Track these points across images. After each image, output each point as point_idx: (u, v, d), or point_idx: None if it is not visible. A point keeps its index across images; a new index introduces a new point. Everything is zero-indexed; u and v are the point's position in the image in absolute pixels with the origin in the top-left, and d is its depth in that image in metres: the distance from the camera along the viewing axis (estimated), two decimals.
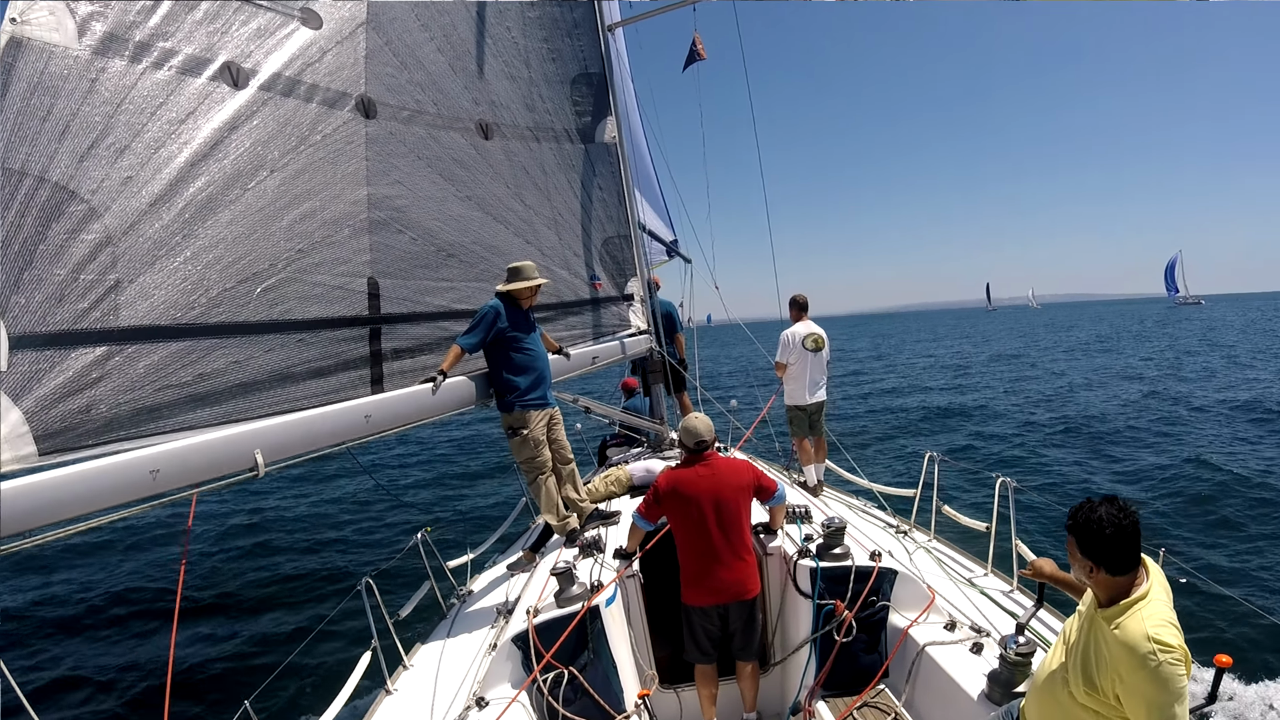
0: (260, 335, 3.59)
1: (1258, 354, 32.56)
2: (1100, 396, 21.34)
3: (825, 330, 6.90)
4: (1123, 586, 2.16)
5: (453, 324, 4.81)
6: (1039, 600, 3.43)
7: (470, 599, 5.14)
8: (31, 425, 2.68)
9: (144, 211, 3.11)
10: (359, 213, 4.21)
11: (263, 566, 10.47)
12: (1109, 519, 2.12)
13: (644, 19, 7.24)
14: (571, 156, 6.21)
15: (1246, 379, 23.35)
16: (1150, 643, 2.01)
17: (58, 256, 2.82)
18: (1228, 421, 16.03)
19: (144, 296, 3.09)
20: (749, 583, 3.88)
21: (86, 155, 2.94)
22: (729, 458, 4.11)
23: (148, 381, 3.08)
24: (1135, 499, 10.35)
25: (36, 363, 2.73)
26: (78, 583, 10.17)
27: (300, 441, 3.55)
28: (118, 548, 12.02)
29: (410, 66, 4.67)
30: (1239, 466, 11.63)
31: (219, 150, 3.44)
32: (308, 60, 3.96)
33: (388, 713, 3.82)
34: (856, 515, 5.68)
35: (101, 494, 2.71)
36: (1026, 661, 3.07)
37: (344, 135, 4.15)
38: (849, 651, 3.84)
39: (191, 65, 3.37)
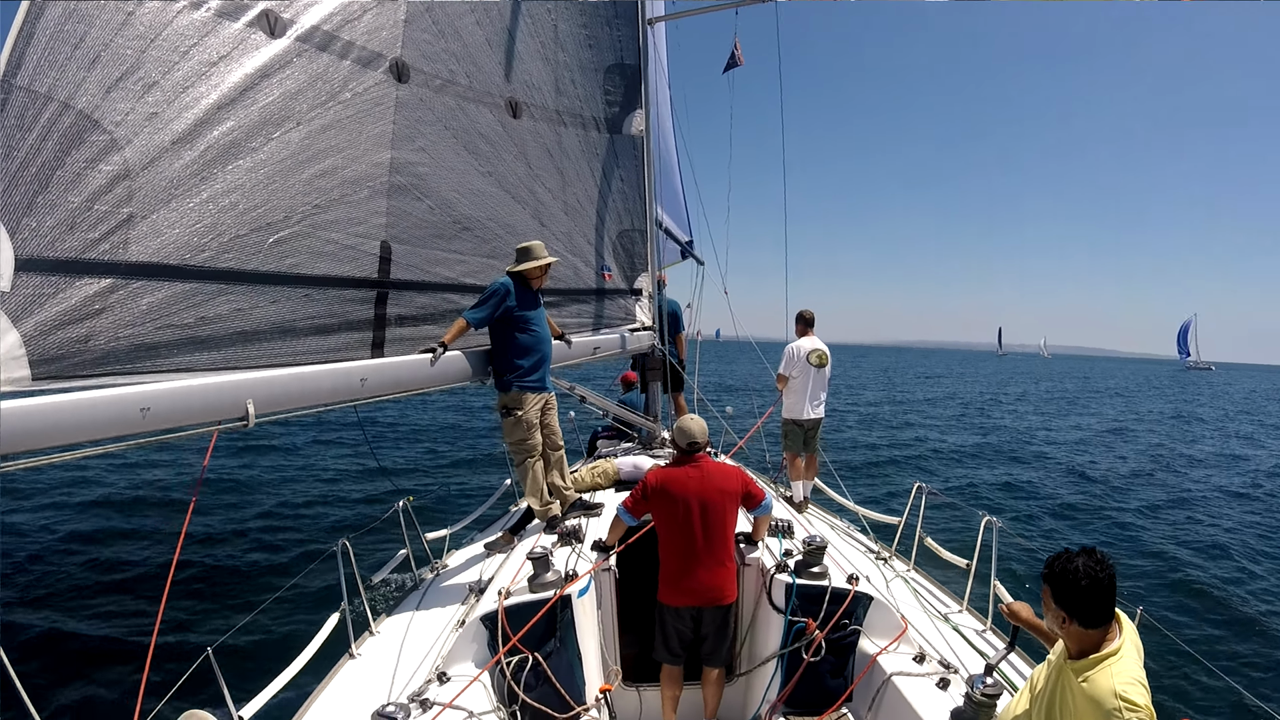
0: (267, 286, 3.57)
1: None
2: (1109, 452, 21.31)
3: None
4: (1094, 640, 2.15)
5: (459, 297, 4.80)
6: (1011, 643, 3.43)
7: (444, 573, 5.14)
8: (28, 349, 2.67)
9: (165, 149, 3.09)
10: (380, 175, 4.19)
11: (240, 520, 10.49)
12: (1085, 571, 2.10)
13: (685, 16, 7.22)
14: (596, 145, 6.20)
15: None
16: (1117, 699, 2.00)
17: (74, 184, 2.80)
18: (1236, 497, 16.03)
19: (155, 234, 3.07)
20: (726, 588, 3.90)
21: (114, 87, 2.92)
22: (720, 462, 4.12)
23: (149, 319, 3.07)
24: (1127, 551, 10.35)
25: (40, 287, 2.71)
26: (63, 530, 10.17)
27: (293, 397, 3.54)
28: (101, 490, 12.06)
29: (448, 36, 4.64)
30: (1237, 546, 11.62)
31: (247, 97, 3.42)
32: (347, 17, 3.94)
33: (349, 676, 3.82)
34: (839, 536, 5.67)
35: (90, 425, 2.70)
36: (992, 703, 3.06)
37: (374, 96, 4.13)
38: (815, 671, 3.82)
39: (230, 9, 3.35)
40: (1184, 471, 17.76)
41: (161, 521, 10.40)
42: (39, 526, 10.09)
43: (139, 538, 9.62)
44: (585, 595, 3.96)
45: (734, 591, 3.97)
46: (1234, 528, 12.09)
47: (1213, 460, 19.63)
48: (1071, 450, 20.83)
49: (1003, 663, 3.38)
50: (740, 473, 4.08)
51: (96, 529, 9.98)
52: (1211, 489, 15.69)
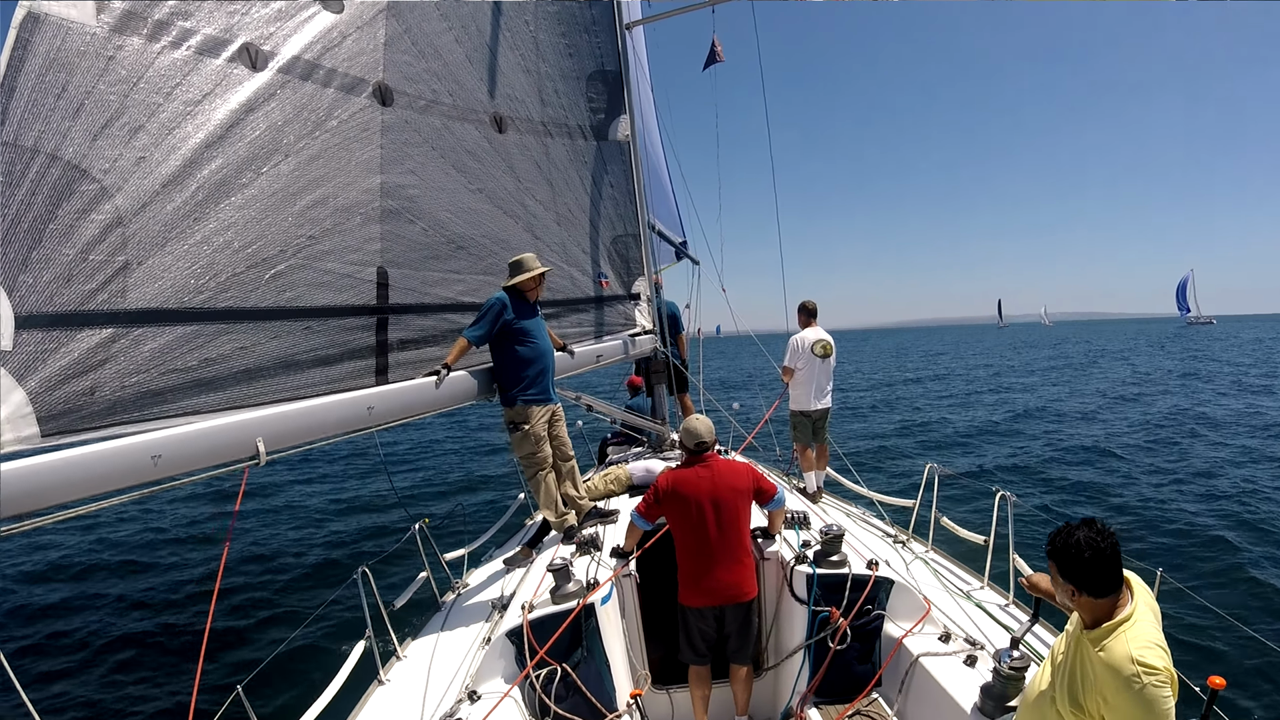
0: (267, 321, 3.56)
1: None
2: (1113, 414, 21.28)
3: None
4: (1106, 608, 2.16)
5: (459, 316, 4.79)
6: (1034, 615, 3.43)
7: (466, 592, 5.13)
8: (35, 406, 2.66)
9: (156, 193, 3.07)
10: (371, 201, 4.18)
11: (259, 552, 10.48)
12: (1087, 543, 2.11)
13: (662, 19, 7.21)
14: (584, 153, 6.19)
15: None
16: (1134, 665, 2.01)
17: (67, 236, 2.78)
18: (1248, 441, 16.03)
19: (152, 279, 3.06)
20: (746, 585, 3.89)
21: (100, 134, 2.91)
22: (729, 460, 4.11)
23: (153, 365, 3.06)
24: (1138, 518, 10.33)
25: (42, 343, 2.70)
26: (76, 569, 10.19)
27: (302, 431, 3.54)
28: (127, 532, 12.07)
29: (428, 56, 4.64)
30: (1251, 491, 11.60)
31: (234, 133, 3.41)
32: (327, 44, 3.93)
33: (379, 703, 3.81)
34: (855, 523, 5.67)
35: (103, 478, 2.69)
36: (1020, 676, 3.06)
37: (360, 122, 4.12)
38: (843, 659, 3.84)
39: (210, 46, 3.34)
40: (1199, 430, 17.70)
41: (179, 561, 10.40)
42: (58, 569, 10.12)
43: (156, 582, 9.61)
44: (608, 602, 3.96)
45: (754, 587, 3.96)
46: (1258, 487, 12.03)
47: (1227, 418, 19.57)
48: (1081, 418, 20.78)
49: (1028, 635, 3.39)
50: (750, 469, 4.08)
51: (114, 574, 9.98)
52: (1227, 448, 15.65)
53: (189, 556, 10.68)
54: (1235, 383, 29.08)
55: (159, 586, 9.40)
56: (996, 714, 3.09)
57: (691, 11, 6.91)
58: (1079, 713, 2.20)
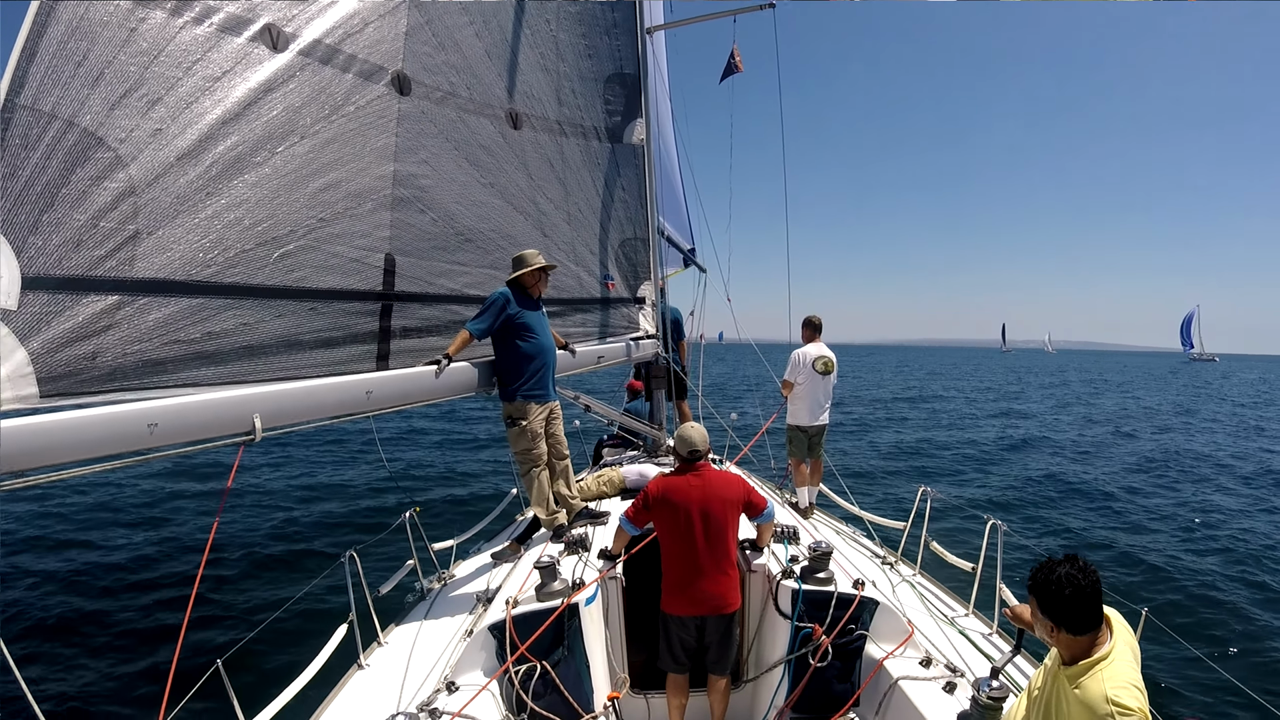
0: (272, 300, 3.59)
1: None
2: (1119, 450, 21.22)
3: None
4: (1084, 646, 2.17)
5: (463, 308, 4.81)
6: (1017, 646, 3.43)
7: (451, 584, 5.14)
8: (36, 367, 2.68)
9: (170, 165, 3.10)
10: (383, 188, 4.21)
11: (248, 530, 10.50)
12: (1068, 579, 2.12)
13: (684, 25, 7.24)
14: (597, 154, 6.22)
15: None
16: (1109, 705, 2.01)
17: (79, 202, 2.81)
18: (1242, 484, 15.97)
19: (161, 250, 3.09)
20: (729, 596, 3.88)
21: (118, 104, 2.94)
22: (722, 470, 4.11)
23: (156, 335, 3.08)
24: (1128, 557, 10.30)
25: (47, 305, 2.72)
26: (64, 538, 10.21)
27: (300, 410, 3.56)
28: (118, 503, 12.09)
29: (448, 48, 4.67)
30: (1246, 532, 11.56)
31: (251, 111, 3.44)
32: (349, 30, 3.96)
33: (358, 687, 3.82)
34: (844, 542, 5.67)
35: (98, 442, 2.72)
36: (998, 706, 3.06)
37: (377, 109, 4.15)
38: (822, 677, 3.83)
39: (232, 24, 3.37)
40: (1199, 469, 17.66)
41: (170, 535, 10.41)
42: (49, 539, 10.13)
43: (148, 553, 9.63)
44: (593, 604, 3.97)
45: (737, 600, 3.95)
46: (1254, 528, 12.00)
47: (1227, 457, 19.51)
48: (1079, 450, 20.72)
49: (1009, 665, 3.39)
50: (741, 481, 4.07)
51: (105, 544, 10.00)
52: (1227, 488, 15.61)
53: (179, 530, 10.70)
54: (1237, 424, 29.01)
55: (145, 559, 9.42)
56: None
57: (713, 19, 6.94)
58: None
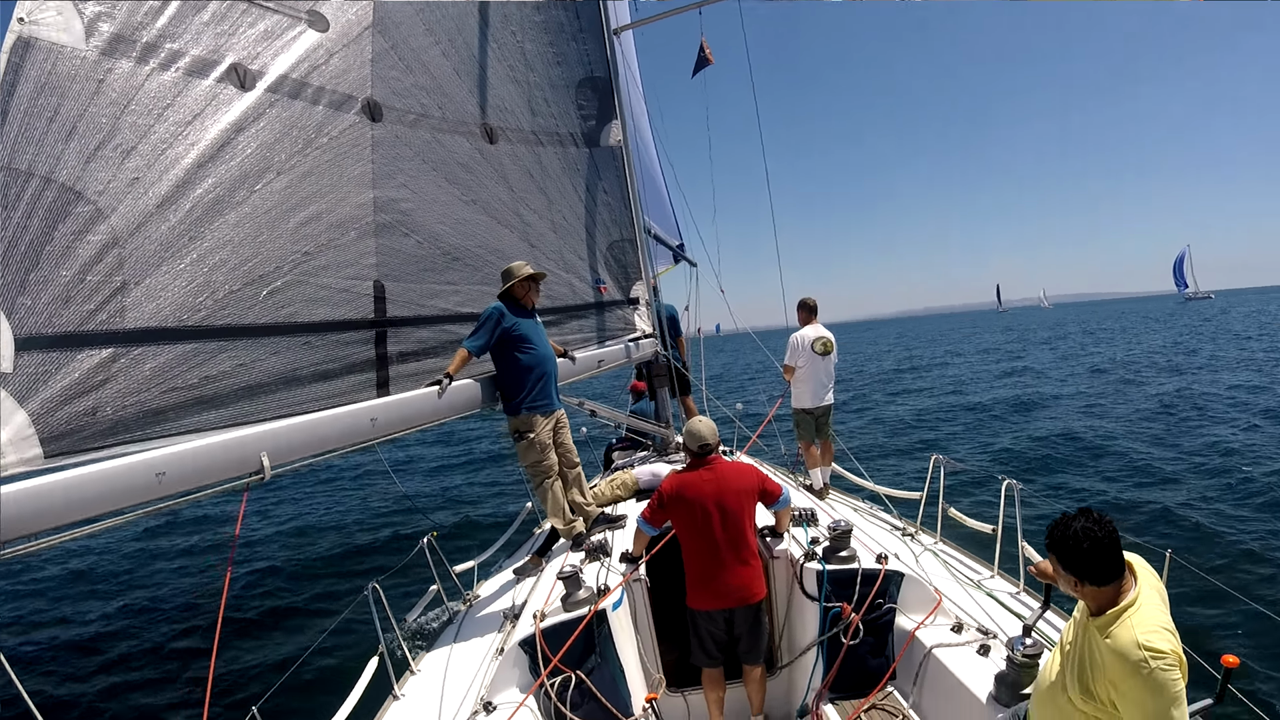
0: (266, 338, 3.58)
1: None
2: (1122, 396, 21.20)
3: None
4: (1110, 595, 2.17)
5: (458, 327, 4.80)
6: (1045, 601, 3.42)
7: (477, 604, 5.12)
8: (37, 427, 2.67)
9: (151, 213, 3.10)
10: (365, 216, 4.20)
11: (268, 569, 10.48)
12: (1084, 533, 2.13)
13: (650, 23, 7.25)
14: (576, 160, 6.22)
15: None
16: (1141, 650, 2.01)
17: (64, 258, 2.81)
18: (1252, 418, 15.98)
19: (150, 298, 3.08)
20: (754, 586, 3.89)
21: (93, 156, 2.94)
22: (734, 461, 4.11)
23: (154, 384, 3.07)
24: (1145, 499, 10.29)
25: (43, 364, 2.71)
26: (83, 589, 10.20)
27: (306, 444, 3.54)
28: (132, 548, 12.08)
29: (416, 70, 4.67)
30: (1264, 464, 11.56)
31: (226, 152, 3.44)
32: (314, 63, 3.96)
33: (395, 718, 3.80)
34: (863, 518, 5.66)
35: (107, 496, 2.70)
36: (1034, 663, 3.06)
37: (350, 138, 4.15)
38: (856, 654, 3.83)
39: (199, 67, 3.37)
40: (1203, 410, 17.64)
41: (187, 583, 10.40)
42: (67, 594, 10.13)
43: (166, 603, 9.62)
44: (620, 608, 3.96)
45: (762, 589, 3.96)
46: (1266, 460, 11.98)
47: (1230, 396, 19.49)
48: (1086, 401, 20.69)
49: (1040, 622, 3.38)
50: (755, 470, 4.08)
51: (125, 595, 10.00)
52: (1233, 424, 15.60)
53: (195, 574, 10.72)
54: (1245, 359, 28.99)
55: (165, 605, 9.42)
56: (1012, 702, 3.08)
57: (678, 14, 6.95)
58: (1090, 700, 2.20)
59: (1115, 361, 32.48)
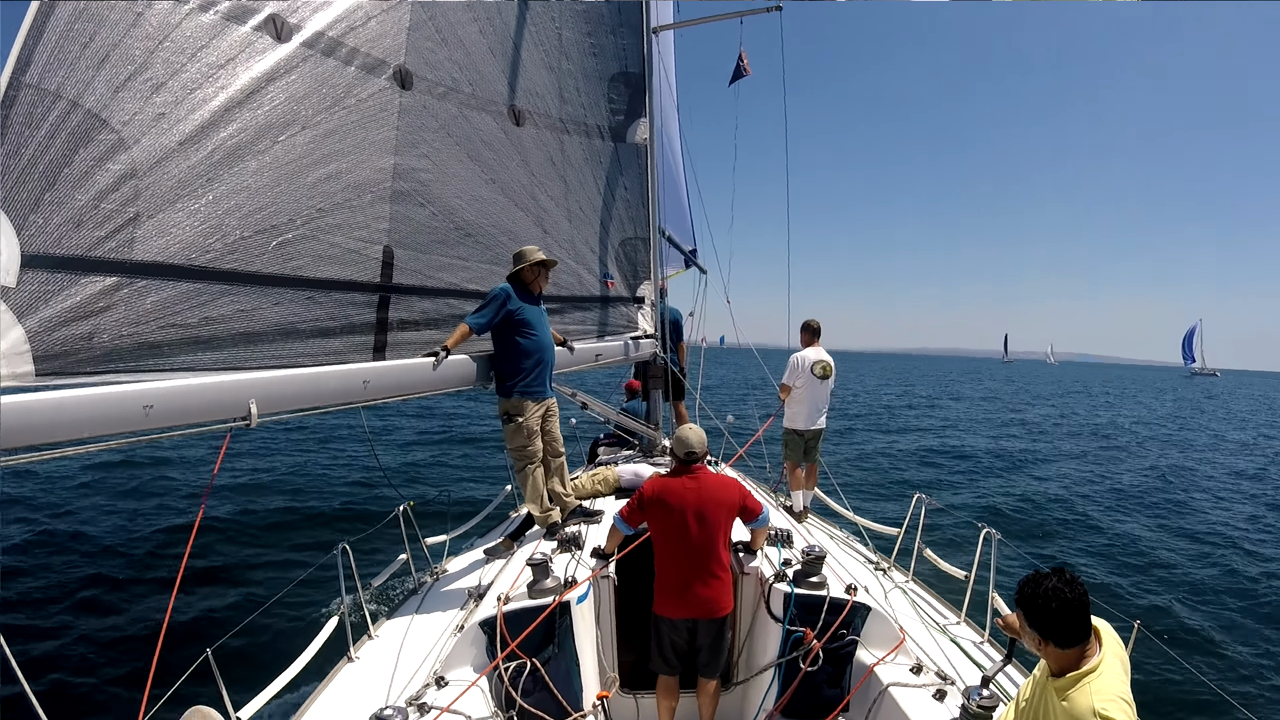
0: (270, 288, 3.59)
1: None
2: (1117, 463, 21.20)
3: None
4: (1072, 658, 2.17)
5: (461, 302, 4.82)
6: (1008, 655, 3.42)
7: (443, 578, 5.13)
8: (32, 345, 2.69)
9: (172, 150, 3.12)
10: (383, 180, 4.22)
11: (241, 521, 10.49)
12: (1054, 593, 2.13)
13: (690, 25, 7.26)
14: (600, 153, 6.23)
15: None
16: (1095, 718, 2.02)
17: (81, 182, 2.82)
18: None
19: (161, 233, 3.10)
20: (721, 600, 3.88)
21: (122, 87, 2.95)
22: (719, 474, 4.10)
23: (153, 318, 3.09)
24: (1124, 567, 10.30)
25: (46, 284, 2.73)
26: (55, 519, 10.20)
27: (296, 397, 3.56)
28: (111, 483, 12.09)
29: (451, 44, 4.69)
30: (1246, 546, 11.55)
31: (254, 100, 3.45)
32: (352, 24, 3.98)
33: (347, 679, 3.81)
34: (838, 546, 5.66)
35: (93, 422, 2.72)
36: (987, 715, 3.06)
37: (378, 102, 4.17)
38: (812, 681, 3.82)
39: (238, 12, 3.39)
40: (1197, 485, 17.64)
41: (163, 523, 10.41)
42: (42, 525, 10.13)
43: (140, 539, 9.63)
44: (584, 602, 3.96)
45: (729, 604, 3.95)
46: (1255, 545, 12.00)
47: (1224, 476, 19.50)
48: (1077, 463, 20.71)
49: (999, 675, 3.38)
50: (738, 485, 4.07)
51: (98, 529, 10.00)
52: (1230, 506, 15.61)
53: (168, 515, 10.70)
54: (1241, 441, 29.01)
55: (132, 542, 9.43)
56: None
57: (719, 20, 6.95)
58: None
59: (1118, 427, 32.50)
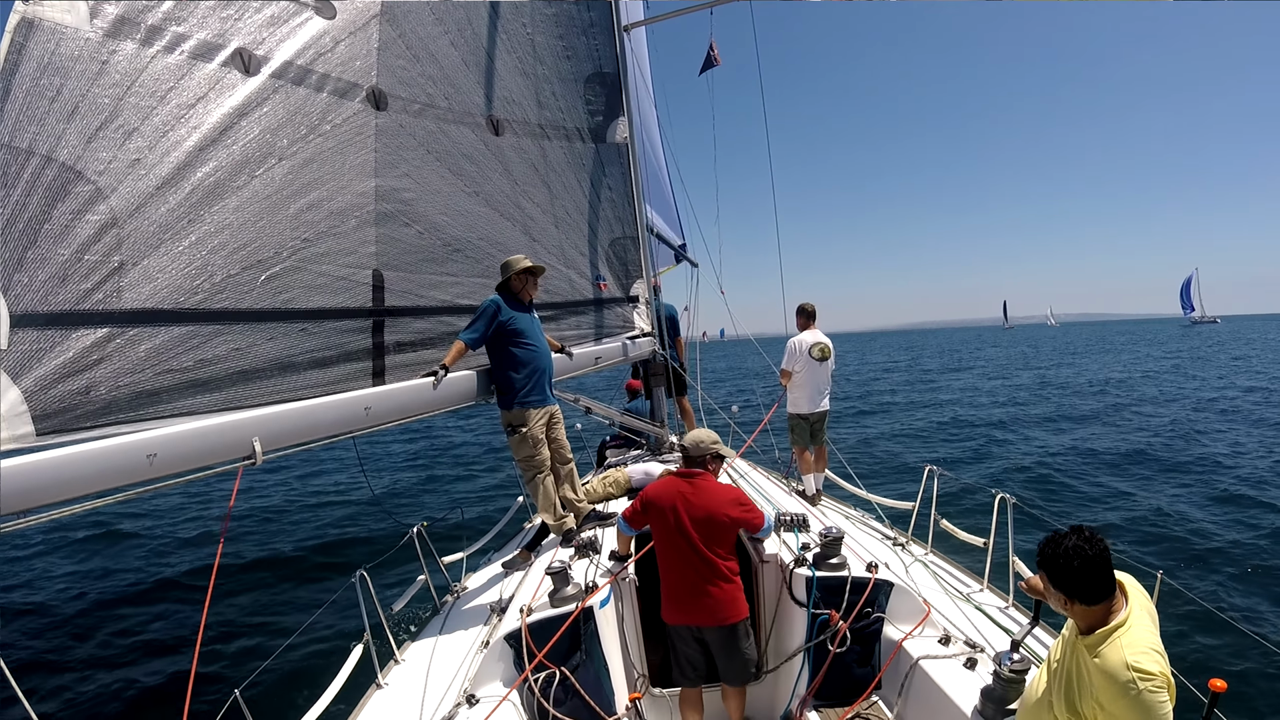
0: (262, 323, 3.58)
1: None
2: (1116, 416, 21.17)
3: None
4: (1100, 615, 2.17)
5: (456, 319, 4.80)
6: (1034, 617, 3.42)
7: (464, 596, 5.12)
8: (30, 405, 2.68)
9: (150, 194, 3.10)
10: (366, 204, 4.20)
11: (256, 555, 10.48)
12: (1075, 551, 2.12)
13: (660, 21, 7.23)
14: (582, 155, 6.21)
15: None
16: (1130, 671, 2.01)
17: (62, 236, 2.81)
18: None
19: (147, 279, 3.08)
20: (721, 610, 3.70)
21: (94, 136, 2.94)
22: (723, 484, 3.91)
23: (148, 365, 3.07)
24: (1141, 520, 10.29)
25: (37, 342, 2.72)
26: (76, 570, 10.20)
27: (299, 431, 3.54)
28: (122, 530, 12.08)
29: (423, 59, 4.66)
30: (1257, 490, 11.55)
31: (228, 136, 3.44)
32: (320, 50, 3.96)
33: (377, 707, 3.80)
34: (854, 526, 5.65)
35: (98, 476, 2.71)
36: (1020, 679, 3.05)
37: (354, 126, 4.15)
38: (842, 662, 3.82)
39: (203, 50, 3.37)
40: (1203, 432, 17.62)
41: (173, 563, 10.40)
42: (54, 568, 10.13)
43: (151, 580, 9.62)
44: (607, 606, 3.95)
45: (735, 613, 3.74)
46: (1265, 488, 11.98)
47: (1230, 420, 19.48)
48: (1084, 420, 20.70)
49: (1028, 637, 3.38)
50: (736, 495, 3.87)
51: (111, 573, 9.99)
52: (1233, 447, 15.59)
53: (184, 557, 10.69)
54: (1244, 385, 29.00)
55: (153, 586, 9.39)
56: (996, 717, 3.07)
57: (690, 13, 6.93)
58: (1075, 718, 2.21)
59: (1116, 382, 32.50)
